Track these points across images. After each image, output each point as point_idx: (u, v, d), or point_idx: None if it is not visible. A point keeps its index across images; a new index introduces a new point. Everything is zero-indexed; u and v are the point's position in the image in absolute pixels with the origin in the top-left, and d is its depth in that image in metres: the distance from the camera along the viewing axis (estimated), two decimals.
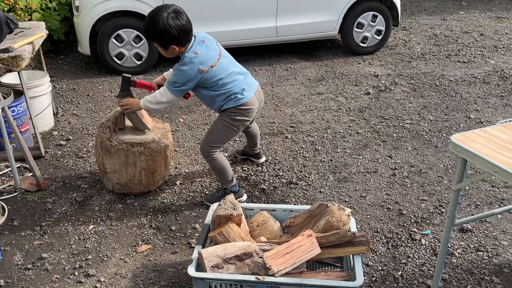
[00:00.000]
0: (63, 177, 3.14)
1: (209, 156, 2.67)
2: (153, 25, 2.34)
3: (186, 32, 2.38)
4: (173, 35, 2.34)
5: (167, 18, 2.32)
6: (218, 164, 2.70)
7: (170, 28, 2.32)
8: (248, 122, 2.67)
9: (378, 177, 3.09)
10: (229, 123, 2.61)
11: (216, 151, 2.68)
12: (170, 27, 2.31)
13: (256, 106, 2.66)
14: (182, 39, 2.39)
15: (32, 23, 3.79)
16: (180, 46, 2.42)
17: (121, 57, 4.87)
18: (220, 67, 2.49)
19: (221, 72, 2.49)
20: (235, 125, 2.62)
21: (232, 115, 2.59)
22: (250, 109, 2.61)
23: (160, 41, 2.40)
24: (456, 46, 5.73)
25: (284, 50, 5.67)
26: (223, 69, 2.51)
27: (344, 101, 4.27)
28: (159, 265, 2.37)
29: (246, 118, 2.63)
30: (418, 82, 4.66)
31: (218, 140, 2.67)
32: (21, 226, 2.66)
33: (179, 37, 2.37)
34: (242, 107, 2.58)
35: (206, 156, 2.68)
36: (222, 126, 2.63)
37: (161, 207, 2.82)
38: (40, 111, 3.66)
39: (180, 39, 2.38)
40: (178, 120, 3.95)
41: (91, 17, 4.69)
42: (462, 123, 3.80)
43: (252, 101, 2.61)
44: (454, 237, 2.52)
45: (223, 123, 2.62)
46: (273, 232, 2.21)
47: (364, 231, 2.58)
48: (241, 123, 2.63)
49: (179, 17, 2.35)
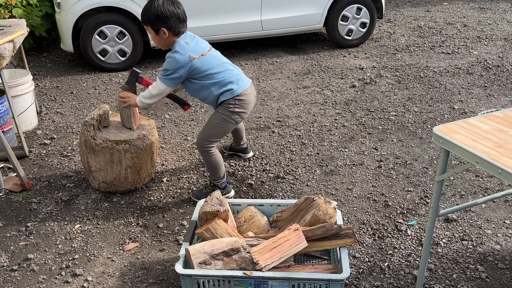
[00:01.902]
0: (48, 176, 3.11)
1: (206, 152, 2.66)
2: (149, 6, 2.46)
3: (179, 19, 2.48)
4: (166, 17, 2.43)
5: (164, 1, 2.45)
6: (213, 160, 2.69)
7: (165, 10, 2.43)
8: (245, 114, 2.68)
9: (364, 169, 3.12)
10: (227, 116, 2.61)
11: (213, 146, 2.68)
12: (164, 10, 2.43)
13: (252, 99, 2.68)
14: (174, 24, 2.47)
15: (12, 20, 3.72)
16: (171, 33, 2.49)
17: (104, 54, 4.81)
18: (211, 56, 2.55)
19: (212, 61, 2.55)
20: (233, 117, 2.62)
21: (230, 107, 2.59)
22: (247, 101, 2.63)
23: (152, 22, 2.48)
24: (440, 38, 5.78)
25: (270, 44, 5.66)
26: (214, 59, 2.57)
27: (330, 94, 4.29)
28: (147, 263, 2.36)
29: (243, 110, 2.64)
30: (403, 74, 4.69)
31: (216, 134, 2.66)
32: (6, 227, 2.62)
33: (171, 21, 2.45)
34: (239, 98, 2.59)
35: (203, 151, 2.67)
36: (219, 120, 2.62)
37: (148, 204, 2.81)
38: (23, 110, 3.60)
39: (172, 24, 2.46)
40: (164, 117, 3.93)
41: (73, 13, 4.62)
42: (446, 114, 3.84)
43: (248, 93, 2.63)
44: (439, 227, 2.56)
45: (221, 116, 2.62)
46: (261, 227, 2.22)
47: (351, 223, 2.60)
48: (239, 115, 2.64)
49: (176, 5, 2.48)
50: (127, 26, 4.74)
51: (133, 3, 4.68)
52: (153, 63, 5.16)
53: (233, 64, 2.70)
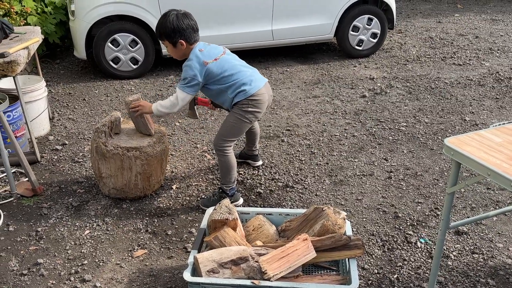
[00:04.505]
0: (59, 182, 3.14)
1: (222, 151, 2.71)
2: (165, 21, 2.57)
3: (193, 30, 2.60)
4: (182, 29, 2.56)
5: (177, 15, 2.57)
6: (228, 161, 2.73)
7: (180, 23, 2.55)
8: (259, 114, 2.72)
9: (374, 180, 3.10)
10: (241, 115, 2.66)
11: (229, 146, 2.72)
12: (180, 23, 2.55)
13: (266, 99, 2.72)
14: (190, 35, 2.58)
15: (27, 27, 3.79)
16: (187, 43, 2.60)
17: (117, 61, 4.87)
18: (224, 60, 2.63)
19: (225, 64, 2.63)
20: (247, 117, 2.67)
21: (244, 107, 2.65)
22: (260, 100, 2.67)
23: (169, 36, 2.57)
24: (452, 49, 5.76)
25: (280, 53, 5.68)
26: (228, 62, 2.64)
27: (340, 104, 4.29)
28: (155, 270, 2.36)
29: (257, 110, 2.69)
30: (414, 85, 4.67)
31: (231, 133, 2.72)
32: (16, 232, 2.65)
33: (187, 32, 2.57)
34: (252, 98, 2.64)
35: (219, 151, 2.72)
36: (234, 120, 2.68)
37: (157, 211, 2.82)
38: (36, 115, 3.65)
39: (188, 34, 2.58)
40: (174, 124, 3.95)
41: (87, 21, 4.69)
42: (457, 126, 3.82)
43: (261, 92, 2.67)
44: (449, 239, 2.53)
45: (236, 116, 2.67)
46: (269, 236, 2.22)
47: (360, 234, 2.58)
48: (253, 115, 2.68)
49: (189, 17, 2.61)
50: (140, 35, 4.80)
51: (146, 12, 4.74)
52: (164, 71, 5.21)
53: (248, 65, 2.76)
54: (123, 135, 2.85)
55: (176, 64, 5.32)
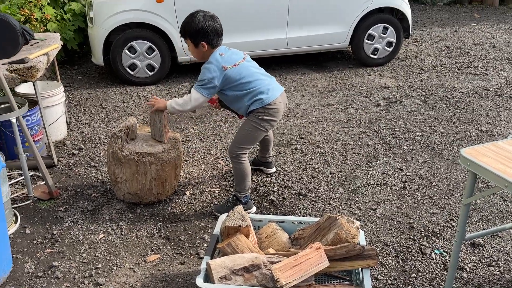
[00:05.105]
0: (75, 186, 3.18)
1: (237, 158, 2.73)
2: (191, 20, 2.59)
3: (217, 34, 2.62)
4: (206, 32, 2.57)
5: (204, 17, 2.59)
6: (243, 169, 2.75)
7: (206, 26, 2.57)
8: (275, 122, 2.74)
9: (388, 189, 3.08)
10: (257, 123, 2.68)
11: (244, 154, 2.74)
12: (205, 25, 2.57)
13: (282, 107, 2.74)
14: (213, 38, 2.60)
15: (47, 34, 3.87)
16: (209, 46, 2.62)
17: (133, 68, 4.94)
18: (243, 67, 2.65)
19: (244, 71, 2.64)
20: (263, 125, 2.69)
21: (260, 115, 2.67)
22: (276, 109, 2.69)
23: (193, 36, 2.60)
24: (468, 58, 5.71)
25: (294, 61, 5.70)
26: (246, 69, 2.66)
27: (354, 112, 4.27)
28: (168, 275, 2.38)
29: (273, 118, 2.70)
30: (429, 94, 4.64)
31: (247, 141, 2.73)
32: (32, 234, 2.69)
33: (211, 35, 2.59)
34: (268, 107, 2.66)
35: (234, 158, 2.73)
36: (250, 127, 2.70)
37: (171, 217, 2.84)
38: (54, 120, 3.72)
39: (211, 37, 2.60)
40: (189, 130, 3.98)
41: (105, 28, 4.78)
42: (473, 136, 3.77)
43: (277, 101, 2.69)
44: (465, 251, 2.49)
45: (252, 124, 2.69)
46: (282, 244, 2.21)
47: (374, 244, 2.56)
48: (268, 123, 2.70)
49: (215, 20, 2.63)
50: (156, 42, 4.87)
51: (163, 20, 4.81)
52: (180, 78, 5.26)
53: (266, 73, 2.77)
54: (139, 141, 2.89)
55: (192, 71, 5.37)
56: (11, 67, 2.98)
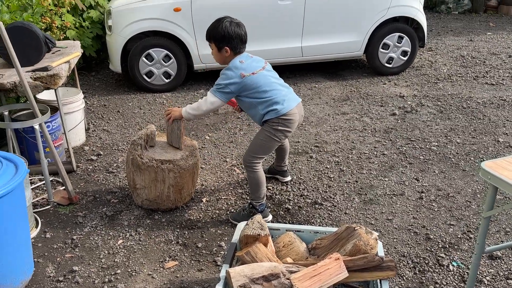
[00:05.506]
0: (94, 191, 3.23)
1: (251, 167, 2.76)
2: (217, 25, 2.64)
3: (241, 41, 2.67)
4: (231, 37, 2.63)
5: (231, 23, 2.64)
6: (257, 177, 2.77)
7: (231, 31, 2.62)
8: (289, 133, 2.76)
9: (405, 200, 3.07)
10: (271, 133, 2.71)
11: (258, 162, 2.77)
12: (231, 31, 2.62)
13: (297, 118, 2.76)
14: (236, 44, 2.65)
15: (68, 42, 3.96)
16: (232, 51, 2.67)
17: (150, 75, 5.01)
18: (261, 75, 2.68)
19: (261, 79, 2.67)
20: (277, 135, 2.72)
21: (274, 125, 2.70)
22: (291, 120, 2.71)
23: (217, 40, 2.65)
24: (484, 68, 5.68)
25: (309, 69, 5.72)
26: (264, 78, 2.69)
27: (369, 121, 4.28)
28: (186, 282, 2.40)
29: (287, 129, 2.73)
30: (445, 104, 4.62)
31: (261, 150, 2.76)
32: (53, 239, 2.74)
33: (235, 42, 2.64)
34: (283, 117, 2.69)
35: (248, 166, 2.77)
36: (264, 137, 2.73)
37: (188, 223, 2.87)
38: (73, 126, 3.79)
39: (235, 43, 2.65)
40: (204, 138, 4.02)
41: (123, 36, 4.86)
42: (490, 147, 3.75)
43: (293, 112, 2.71)
44: (483, 264, 2.48)
45: (266, 133, 2.73)
46: (299, 254, 2.23)
47: (391, 255, 2.56)
48: (283, 133, 2.73)
49: (240, 27, 2.67)
50: (173, 50, 4.93)
51: (180, 28, 4.87)
52: (195, 85, 5.32)
53: (285, 83, 2.80)
54: (158, 148, 2.93)
55: (207, 79, 5.43)
56: (35, 74, 3.05)
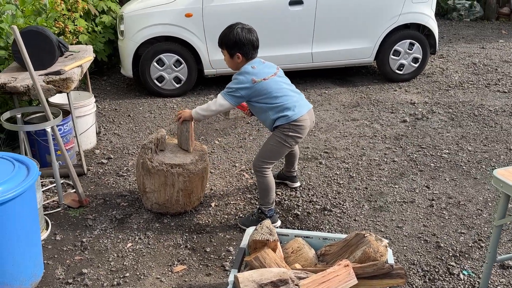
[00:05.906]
0: (104, 194, 3.25)
1: (261, 172, 2.76)
2: (229, 32, 2.67)
3: (253, 47, 2.68)
4: (242, 44, 2.65)
5: (242, 29, 2.66)
6: (266, 182, 2.78)
7: (243, 38, 2.64)
8: (300, 139, 2.77)
9: (415, 207, 3.05)
10: (282, 139, 2.72)
11: (268, 168, 2.77)
12: (242, 37, 2.64)
13: (308, 125, 2.76)
14: (248, 50, 2.67)
15: (81, 46, 4.01)
16: (244, 57, 2.68)
17: (161, 80, 5.05)
18: (273, 81, 2.69)
19: (273, 85, 2.68)
20: (287, 141, 2.72)
21: (285, 131, 2.70)
22: (302, 126, 2.72)
23: (229, 46, 2.67)
24: (496, 75, 5.63)
25: (319, 75, 5.72)
26: (275, 83, 2.69)
27: (379, 128, 4.26)
28: (194, 286, 2.40)
29: (298, 135, 2.73)
30: (456, 111, 4.59)
31: (271, 156, 2.77)
32: (63, 241, 2.76)
33: (246, 48, 2.66)
34: (294, 123, 2.69)
35: (258, 171, 2.77)
36: (275, 142, 2.74)
37: (196, 228, 2.87)
38: (84, 130, 3.82)
39: (247, 49, 2.66)
40: (214, 142, 4.04)
41: (135, 41, 4.90)
42: (502, 155, 3.71)
43: (303, 118, 2.72)
44: (494, 273, 2.44)
45: (276, 139, 2.73)
46: (308, 260, 2.21)
47: (400, 263, 2.54)
48: (293, 139, 2.73)
49: (252, 33, 2.69)
50: (184, 55, 4.97)
51: (191, 34, 4.91)
52: (205, 90, 5.35)
53: (296, 89, 2.80)
54: (168, 152, 2.95)
55: (217, 84, 5.45)
56: (48, 78, 3.09)
